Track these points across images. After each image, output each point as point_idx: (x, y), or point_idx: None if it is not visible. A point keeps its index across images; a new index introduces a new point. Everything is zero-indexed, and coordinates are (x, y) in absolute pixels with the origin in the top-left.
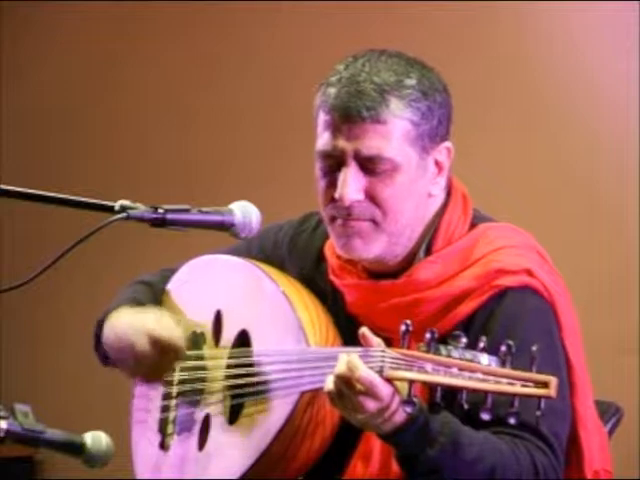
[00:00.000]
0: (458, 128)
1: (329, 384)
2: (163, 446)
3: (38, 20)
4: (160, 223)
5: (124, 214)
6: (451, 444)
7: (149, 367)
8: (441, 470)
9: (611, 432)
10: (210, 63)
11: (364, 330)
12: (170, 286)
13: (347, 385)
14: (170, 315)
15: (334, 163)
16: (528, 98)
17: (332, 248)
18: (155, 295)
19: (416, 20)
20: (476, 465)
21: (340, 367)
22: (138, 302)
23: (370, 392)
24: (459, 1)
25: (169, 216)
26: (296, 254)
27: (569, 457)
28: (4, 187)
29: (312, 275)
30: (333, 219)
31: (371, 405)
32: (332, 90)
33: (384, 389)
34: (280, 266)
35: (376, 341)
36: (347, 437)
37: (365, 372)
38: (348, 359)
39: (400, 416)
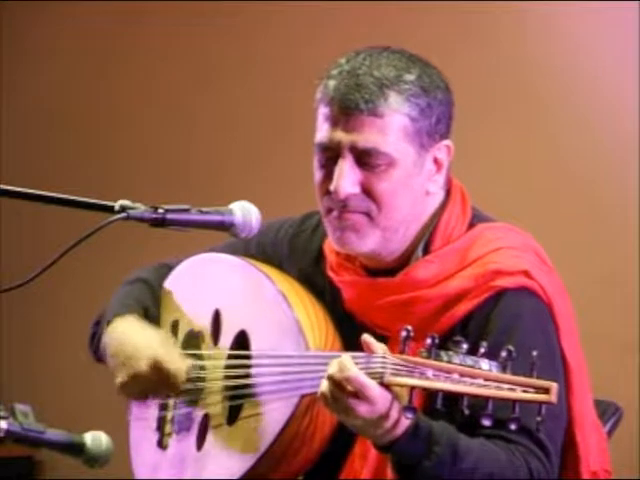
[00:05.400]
0: (459, 127)
1: (323, 387)
2: (161, 445)
3: (38, 20)
4: (160, 223)
5: (124, 214)
6: (449, 454)
7: (141, 387)
8: (438, 479)
9: (611, 432)
10: (210, 63)
11: (365, 337)
12: (168, 283)
13: (338, 387)
14: (176, 346)
15: (331, 155)
16: (528, 98)
17: (331, 245)
18: (154, 295)
19: (417, 19)
20: (473, 474)
21: (332, 368)
22: (144, 307)
23: (361, 394)
24: (461, 1)
25: (169, 216)
26: (296, 253)
27: (565, 458)
28: (4, 187)
29: (311, 273)
30: (329, 211)
31: (363, 408)
32: (332, 83)
33: (376, 391)
34: (279, 265)
35: (377, 347)
36: (344, 436)
37: (354, 372)
38: (339, 360)
39: (402, 428)
